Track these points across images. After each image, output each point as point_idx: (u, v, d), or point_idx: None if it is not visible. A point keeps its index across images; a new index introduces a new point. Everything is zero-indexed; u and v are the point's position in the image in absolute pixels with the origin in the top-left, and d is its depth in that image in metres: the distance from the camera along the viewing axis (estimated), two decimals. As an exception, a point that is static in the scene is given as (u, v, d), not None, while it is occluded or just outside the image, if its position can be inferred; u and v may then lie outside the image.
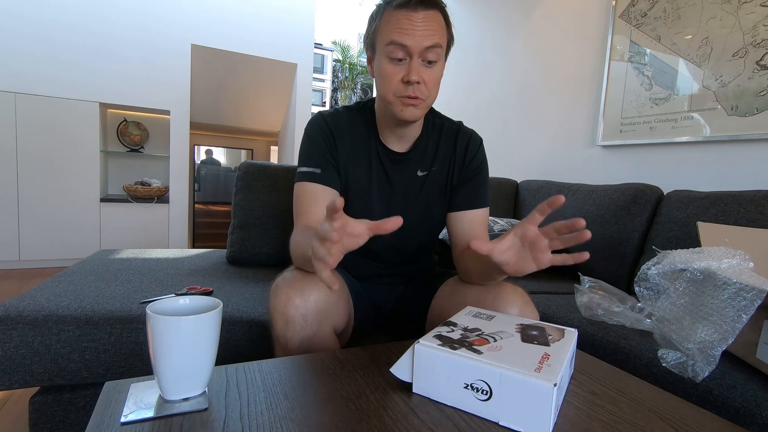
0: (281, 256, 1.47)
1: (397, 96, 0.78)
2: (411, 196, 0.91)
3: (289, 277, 0.74)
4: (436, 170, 0.91)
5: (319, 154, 0.85)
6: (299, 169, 0.87)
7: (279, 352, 0.74)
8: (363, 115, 0.91)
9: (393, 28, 0.75)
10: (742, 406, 0.70)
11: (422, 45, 0.75)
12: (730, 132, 1.46)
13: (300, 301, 0.70)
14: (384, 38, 0.77)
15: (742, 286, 0.73)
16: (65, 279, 1.12)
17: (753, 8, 1.41)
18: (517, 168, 2.47)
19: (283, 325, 0.70)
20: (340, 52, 14.93)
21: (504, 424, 0.47)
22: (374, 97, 0.93)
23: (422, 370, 0.52)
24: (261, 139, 6.43)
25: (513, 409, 0.46)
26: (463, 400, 0.50)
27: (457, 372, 0.49)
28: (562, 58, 2.20)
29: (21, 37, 2.98)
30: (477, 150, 0.93)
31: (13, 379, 0.87)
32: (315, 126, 0.88)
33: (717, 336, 0.75)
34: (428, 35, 0.75)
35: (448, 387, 0.50)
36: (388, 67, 0.77)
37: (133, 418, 0.45)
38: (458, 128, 0.94)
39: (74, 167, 3.18)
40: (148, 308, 0.47)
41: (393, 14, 0.76)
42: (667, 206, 1.37)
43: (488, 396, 0.48)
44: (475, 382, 0.48)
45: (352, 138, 0.88)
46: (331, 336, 0.75)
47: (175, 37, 3.43)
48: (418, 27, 0.74)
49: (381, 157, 0.89)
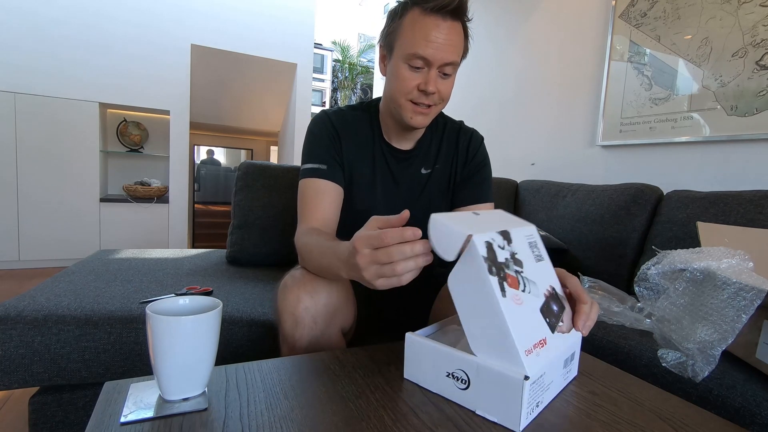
0: (281, 256, 1.47)
1: (409, 100, 0.79)
2: (415, 194, 0.92)
3: (299, 277, 0.74)
4: (440, 168, 0.92)
5: (324, 150, 0.86)
6: (304, 165, 0.86)
7: (286, 351, 0.74)
8: (367, 114, 0.91)
9: (419, 37, 0.75)
10: (741, 406, 0.70)
11: (443, 60, 0.76)
12: (730, 132, 1.46)
13: (310, 302, 0.70)
14: (407, 45, 0.76)
15: (741, 286, 0.73)
16: (65, 279, 1.12)
17: (753, 8, 1.41)
18: (517, 168, 2.47)
19: (292, 325, 0.70)
20: (340, 52, 14.94)
21: (480, 413, 0.49)
22: (378, 97, 0.94)
23: (411, 357, 0.56)
24: (261, 139, 6.42)
25: (489, 399, 0.48)
26: (445, 388, 0.52)
27: (440, 360, 0.52)
28: (562, 58, 2.20)
29: (21, 36, 2.98)
30: (479, 147, 0.95)
31: (12, 379, 0.87)
32: (319, 123, 0.88)
33: (717, 336, 0.75)
34: (450, 50, 0.76)
35: (434, 375, 0.53)
36: (406, 72, 0.78)
37: (132, 418, 0.45)
38: (459, 127, 0.96)
39: (74, 167, 3.18)
40: (147, 308, 0.47)
41: (421, 19, 0.75)
42: (666, 206, 1.37)
43: (467, 385, 0.50)
44: (455, 371, 0.50)
45: (356, 136, 0.89)
46: (338, 336, 0.75)
47: (175, 36, 3.43)
48: (442, 39, 0.74)
49: (385, 155, 0.90)
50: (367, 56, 16.27)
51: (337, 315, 0.73)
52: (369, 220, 0.57)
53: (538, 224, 1.81)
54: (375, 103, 0.93)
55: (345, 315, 0.77)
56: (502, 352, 0.47)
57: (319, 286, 0.71)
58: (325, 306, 0.71)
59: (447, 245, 0.49)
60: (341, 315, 0.75)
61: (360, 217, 0.88)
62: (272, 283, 1.26)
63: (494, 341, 0.47)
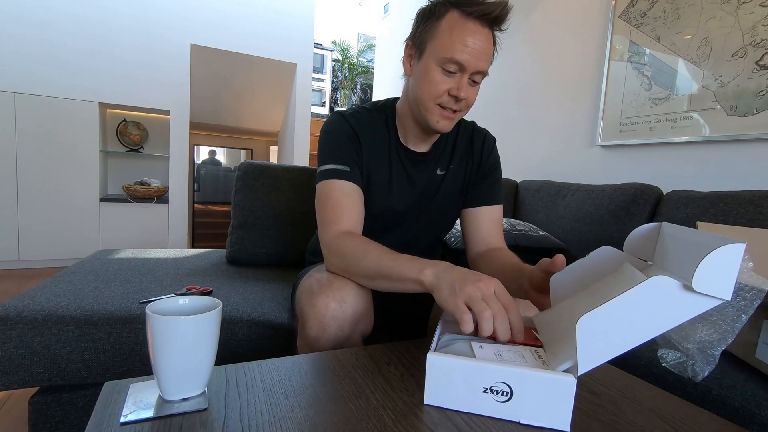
0: (281, 256, 1.47)
1: (437, 104, 0.78)
2: (430, 195, 0.92)
3: (326, 283, 0.73)
4: (454, 168, 0.92)
5: (344, 152, 0.83)
6: (324, 166, 0.83)
7: (304, 350, 0.73)
8: (383, 116, 0.89)
9: (458, 42, 0.73)
10: (741, 405, 0.70)
11: (477, 67, 0.75)
12: (730, 132, 1.46)
13: (338, 311, 0.70)
14: (444, 47, 0.74)
15: (741, 286, 0.73)
16: (65, 279, 1.12)
17: (752, 8, 1.41)
18: (517, 168, 2.47)
19: (318, 330, 0.70)
20: (340, 52, 14.93)
21: (525, 422, 0.48)
22: (394, 97, 0.92)
23: (437, 379, 0.51)
24: (261, 139, 6.42)
25: (535, 406, 0.48)
26: (481, 405, 0.50)
27: (475, 377, 0.50)
28: (562, 58, 2.20)
29: (21, 36, 2.97)
30: (492, 148, 0.95)
31: (12, 379, 0.87)
32: (336, 124, 0.86)
33: (717, 336, 0.75)
34: (485, 58, 0.75)
35: (465, 393, 0.50)
36: (439, 75, 0.76)
37: (132, 418, 0.45)
38: (473, 127, 0.96)
39: (74, 167, 3.18)
40: (147, 308, 0.47)
41: (461, 22, 0.73)
42: (666, 206, 1.37)
43: (508, 397, 0.49)
44: (495, 385, 0.49)
45: (372, 138, 0.87)
46: (359, 342, 0.75)
47: (174, 37, 3.43)
48: (479, 46, 0.73)
49: (402, 158, 0.89)
50: (367, 56, 16.25)
51: (360, 321, 0.74)
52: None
53: (538, 224, 1.81)
54: (391, 104, 0.90)
55: (366, 322, 0.77)
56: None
57: (348, 293, 0.71)
58: (353, 314, 0.71)
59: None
60: (364, 322, 0.75)
61: (375, 220, 0.88)
62: (272, 282, 1.26)
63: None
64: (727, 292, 0.44)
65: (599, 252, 0.62)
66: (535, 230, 1.62)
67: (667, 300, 0.45)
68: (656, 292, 0.45)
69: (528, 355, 0.53)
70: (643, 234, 0.59)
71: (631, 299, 0.45)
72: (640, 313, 0.46)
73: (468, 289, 0.55)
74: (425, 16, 0.78)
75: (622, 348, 0.46)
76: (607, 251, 0.62)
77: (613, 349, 0.46)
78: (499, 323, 0.53)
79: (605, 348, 0.46)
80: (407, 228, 0.93)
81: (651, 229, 0.58)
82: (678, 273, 0.48)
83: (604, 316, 0.45)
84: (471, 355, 0.53)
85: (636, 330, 0.46)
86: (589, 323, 0.45)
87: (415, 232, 0.95)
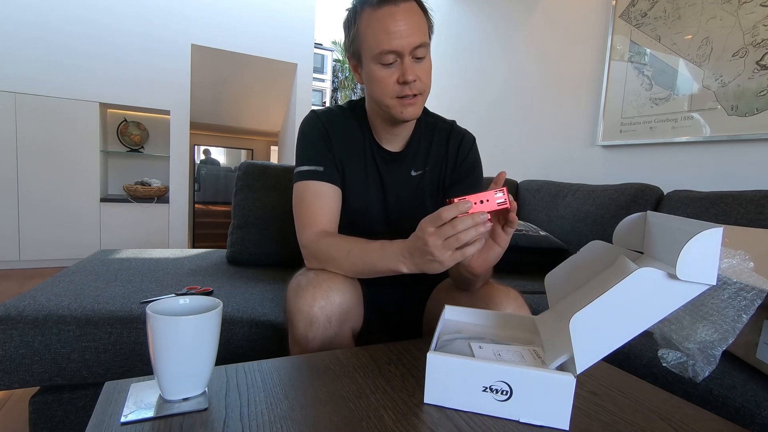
0: (281, 256, 1.47)
1: (394, 98, 0.77)
2: (406, 196, 0.90)
3: (313, 278, 0.73)
4: (430, 169, 0.91)
5: (318, 151, 0.84)
6: (299, 168, 0.85)
7: (294, 348, 0.73)
8: (355, 115, 0.89)
9: (379, 34, 0.73)
10: (742, 406, 0.70)
11: (411, 45, 0.74)
12: (730, 132, 1.46)
13: (325, 302, 0.70)
14: (371, 46, 0.75)
15: (742, 286, 0.73)
16: (65, 279, 1.12)
17: (753, 8, 1.41)
18: (518, 168, 2.47)
19: (306, 325, 0.69)
20: (340, 52, 14.93)
21: (524, 420, 0.49)
22: (363, 97, 0.92)
23: (436, 379, 0.51)
24: (261, 139, 6.43)
25: (534, 405, 0.48)
26: (481, 403, 0.50)
27: (475, 376, 0.50)
28: (562, 58, 2.20)
29: (21, 36, 2.98)
30: (470, 148, 0.92)
31: (13, 378, 0.87)
32: (310, 124, 0.87)
33: (717, 336, 0.75)
34: (414, 33, 0.74)
35: (466, 392, 0.50)
36: (381, 72, 0.76)
37: (133, 418, 0.45)
38: (451, 127, 0.94)
39: (74, 167, 3.18)
40: (148, 308, 0.47)
41: (374, 15, 0.73)
42: (667, 206, 1.37)
43: (508, 396, 0.49)
44: (495, 384, 0.49)
45: (346, 137, 0.87)
46: (349, 338, 0.75)
47: (175, 37, 3.43)
48: (401, 26, 0.72)
49: (375, 156, 0.89)
50: (368, 56, 16.26)
51: (349, 316, 0.73)
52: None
53: (538, 224, 1.81)
54: (361, 104, 0.91)
55: (356, 317, 0.77)
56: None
57: (334, 287, 0.71)
58: (340, 306, 0.71)
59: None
60: (353, 316, 0.75)
61: (356, 215, 0.88)
62: (272, 282, 1.26)
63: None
64: (712, 278, 0.45)
65: (590, 247, 0.62)
66: (535, 230, 1.62)
67: (654, 291, 0.46)
68: (643, 284, 0.45)
69: (527, 354, 0.53)
70: (630, 225, 0.59)
71: (620, 293, 0.45)
72: (630, 306, 0.46)
73: (436, 251, 0.61)
74: (347, 27, 0.80)
75: (617, 342, 0.46)
76: (599, 245, 0.62)
77: (608, 344, 0.46)
78: (470, 222, 0.59)
79: (601, 344, 0.46)
80: (384, 227, 0.92)
81: (637, 220, 0.59)
82: (667, 261, 0.48)
83: (595, 313, 0.46)
84: (470, 354, 0.53)
85: (628, 323, 0.46)
86: (581, 321, 0.46)
87: (397, 235, 0.94)
